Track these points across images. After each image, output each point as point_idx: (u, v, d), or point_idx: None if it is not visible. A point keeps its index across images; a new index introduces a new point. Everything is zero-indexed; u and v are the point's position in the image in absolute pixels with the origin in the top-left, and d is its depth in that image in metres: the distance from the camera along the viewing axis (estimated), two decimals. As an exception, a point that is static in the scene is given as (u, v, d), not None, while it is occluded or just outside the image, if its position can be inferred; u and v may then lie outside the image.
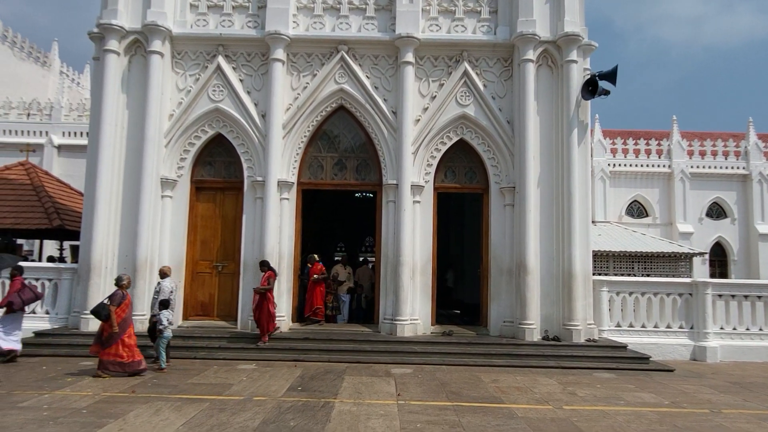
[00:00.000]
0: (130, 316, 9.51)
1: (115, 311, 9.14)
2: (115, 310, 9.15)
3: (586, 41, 12.50)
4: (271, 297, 11.32)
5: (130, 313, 9.49)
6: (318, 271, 13.05)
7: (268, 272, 11.38)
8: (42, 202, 15.51)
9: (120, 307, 9.23)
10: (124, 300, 9.34)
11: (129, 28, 12.42)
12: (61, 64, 32.87)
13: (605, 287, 12.67)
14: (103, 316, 9.14)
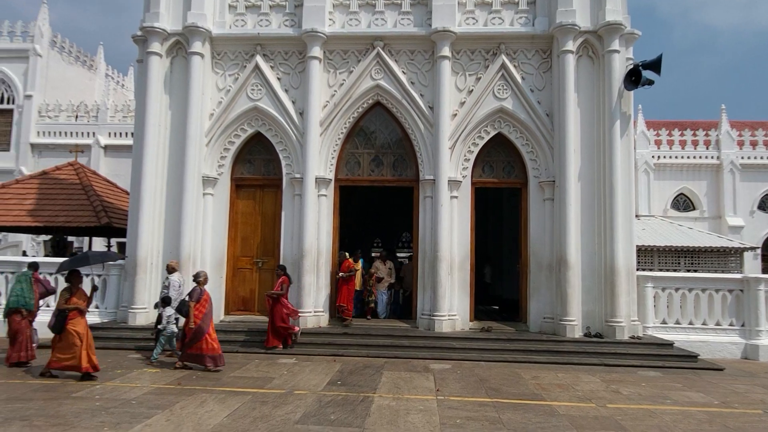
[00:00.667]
0: (211, 312, 9.65)
1: (194, 307, 9.31)
2: (195, 306, 9.33)
3: (629, 30, 12.13)
4: (285, 302, 11.15)
5: (210, 309, 9.61)
6: (345, 268, 12.59)
7: (283, 277, 11.25)
8: (90, 201, 16.09)
9: (199, 303, 9.38)
10: (203, 296, 9.47)
11: (170, 30, 12.74)
12: (106, 67, 34.00)
13: (650, 283, 12.32)
14: (184, 313, 9.36)
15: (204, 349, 9.30)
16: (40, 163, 26.04)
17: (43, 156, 27.15)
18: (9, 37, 28.35)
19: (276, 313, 11.02)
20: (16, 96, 27.87)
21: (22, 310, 9.57)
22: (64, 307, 8.64)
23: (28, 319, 9.63)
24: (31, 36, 28.26)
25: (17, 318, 9.52)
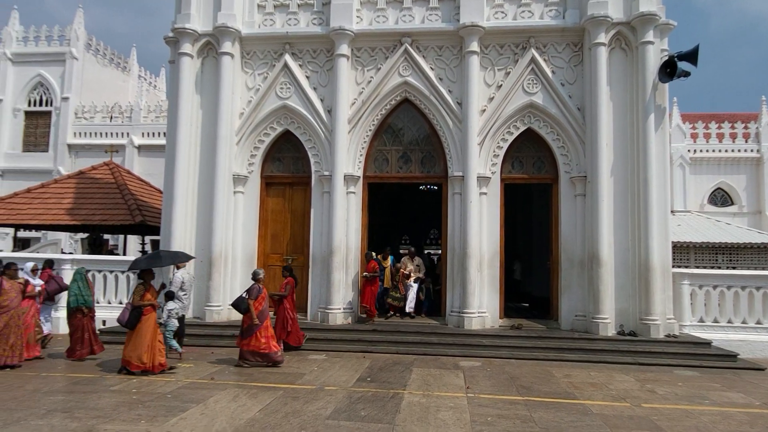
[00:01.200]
0: (267, 309, 9.75)
1: (252, 304, 9.42)
2: (253, 303, 9.44)
3: (664, 20, 11.80)
4: (288, 305, 10.76)
5: (266, 306, 9.72)
6: (371, 269, 12.45)
7: (288, 278, 11.03)
8: (125, 200, 16.51)
9: (257, 300, 9.49)
10: (261, 293, 9.59)
11: (201, 31, 12.94)
12: (139, 68, 34.76)
13: (686, 280, 11.99)
14: (242, 309, 9.47)
15: (252, 346, 9.39)
16: (77, 163, 26.82)
17: (79, 156, 27.94)
18: (47, 41, 29.24)
19: (278, 317, 10.72)
20: (54, 98, 28.73)
21: (82, 308, 9.92)
22: (139, 303, 8.85)
23: (89, 316, 9.99)
24: (68, 40, 29.07)
25: (79, 316, 9.88)
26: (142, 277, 9.17)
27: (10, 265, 9.61)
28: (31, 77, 28.84)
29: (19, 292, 9.45)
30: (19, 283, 9.67)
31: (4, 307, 9.14)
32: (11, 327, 9.13)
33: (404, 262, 13.74)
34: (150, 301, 8.96)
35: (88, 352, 9.88)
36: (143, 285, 9.03)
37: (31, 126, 29.00)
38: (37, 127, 28.99)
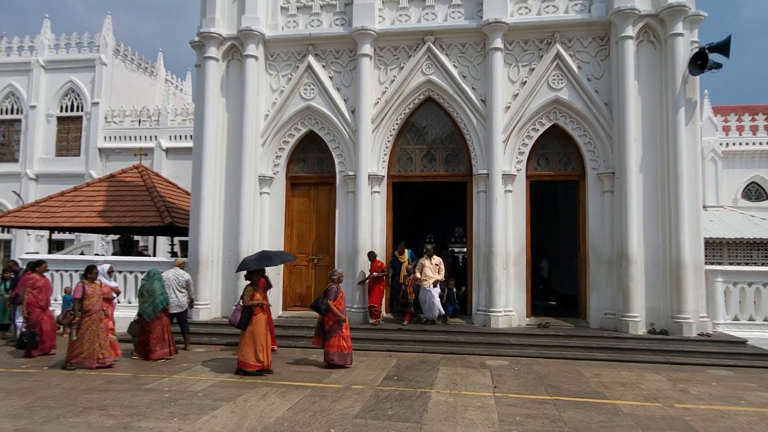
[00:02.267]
0: (345, 309, 9.70)
1: (332, 304, 9.36)
2: (333, 303, 9.38)
3: (694, 11, 11.51)
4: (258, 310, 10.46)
5: (344, 306, 9.68)
6: (377, 268, 12.06)
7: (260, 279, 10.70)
8: (154, 202, 16.84)
9: (336, 301, 9.43)
10: (338, 294, 9.53)
11: (226, 34, 13.11)
12: (166, 72, 35.40)
13: (719, 277, 11.70)
14: (322, 311, 9.44)
15: (335, 347, 9.34)
16: (107, 167, 27.46)
17: (110, 160, 28.60)
18: (77, 48, 30.00)
19: None
20: (85, 103, 29.45)
21: (167, 307, 10.28)
22: (250, 303, 8.93)
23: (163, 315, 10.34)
24: (97, 46, 29.77)
25: (162, 316, 10.21)
26: (250, 278, 9.18)
27: (91, 268, 9.77)
28: (63, 83, 29.62)
29: (100, 296, 9.63)
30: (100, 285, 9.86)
31: (88, 311, 9.32)
32: (97, 330, 9.33)
33: (421, 263, 12.55)
34: (259, 300, 9.04)
35: (168, 352, 10.15)
36: (252, 285, 9.06)
37: (63, 131, 29.79)
38: (69, 131, 29.77)
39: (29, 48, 30.23)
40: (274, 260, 9.92)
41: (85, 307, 9.31)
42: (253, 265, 9.38)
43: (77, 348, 9.23)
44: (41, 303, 10.57)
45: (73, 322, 9.25)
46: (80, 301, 9.31)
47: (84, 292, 9.34)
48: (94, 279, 9.70)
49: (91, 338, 9.26)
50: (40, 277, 10.79)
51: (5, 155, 30.06)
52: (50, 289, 11.18)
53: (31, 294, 10.50)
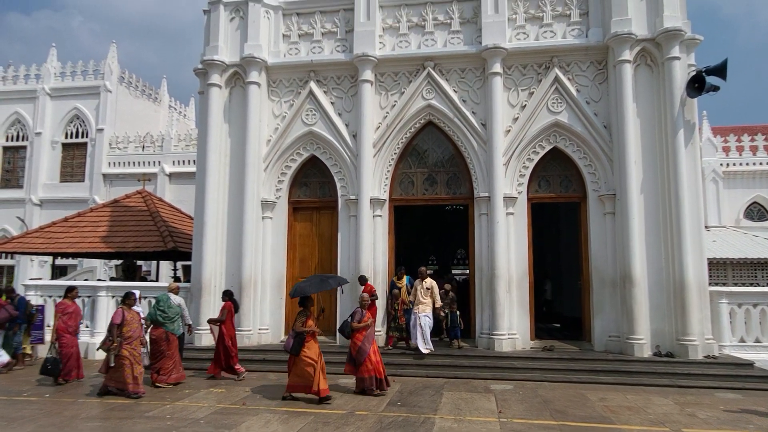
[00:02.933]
0: (373, 333, 9.52)
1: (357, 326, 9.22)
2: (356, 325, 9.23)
3: (690, 35, 11.68)
4: (226, 331, 10.56)
5: (372, 331, 9.50)
6: (369, 291, 11.36)
7: (226, 302, 10.77)
8: (157, 227, 16.90)
9: (361, 323, 9.27)
10: (364, 316, 9.39)
11: (229, 62, 13.32)
12: (169, 99, 35.83)
13: (724, 298, 11.63)
14: (346, 334, 9.37)
15: (367, 371, 9.16)
16: (111, 192, 27.60)
17: (113, 185, 28.77)
18: (83, 75, 30.44)
19: (217, 342, 10.66)
20: (90, 130, 29.75)
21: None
22: (302, 330, 8.74)
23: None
24: (102, 73, 30.20)
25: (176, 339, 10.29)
26: (303, 304, 9.04)
27: (129, 294, 9.72)
28: (68, 110, 29.96)
29: (138, 322, 9.57)
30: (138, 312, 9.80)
31: (128, 338, 9.22)
32: (134, 357, 9.24)
33: (413, 286, 11.98)
34: (312, 327, 8.88)
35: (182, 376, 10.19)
36: (305, 311, 8.92)
37: (68, 157, 30.04)
38: (74, 158, 30.01)
39: (35, 76, 30.68)
40: (330, 283, 9.75)
41: (124, 333, 9.19)
42: (311, 290, 9.15)
43: (115, 375, 9.08)
44: (70, 329, 10.40)
45: (112, 348, 9.10)
46: (119, 327, 9.18)
47: (123, 318, 9.23)
48: (133, 305, 9.63)
49: (130, 365, 9.12)
50: (71, 303, 10.66)
51: (10, 181, 30.27)
52: (80, 315, 11.03)
53: (62, 320, 10.33)
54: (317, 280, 9.62)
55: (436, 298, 11.79)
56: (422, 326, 11.39)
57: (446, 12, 13.04)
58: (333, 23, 13.52)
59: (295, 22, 13.72)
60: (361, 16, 13.05)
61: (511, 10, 12.71)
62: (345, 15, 13.43)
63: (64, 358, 10.14)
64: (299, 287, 9.22)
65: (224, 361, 10.61)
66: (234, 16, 13.52)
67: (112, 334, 9.21)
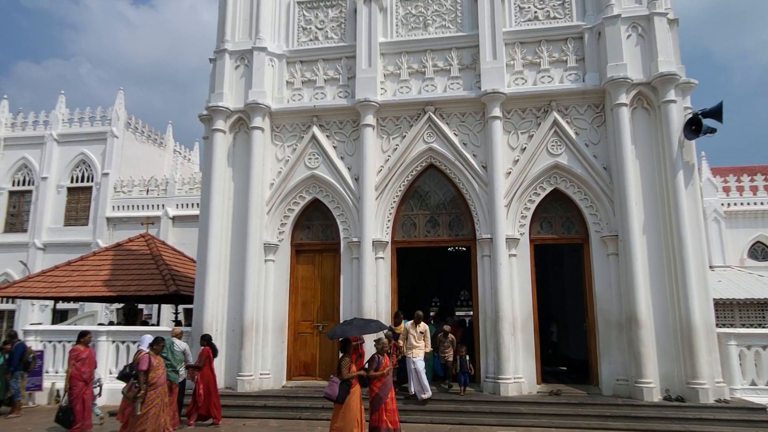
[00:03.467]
0: (391, 380, 9.13)
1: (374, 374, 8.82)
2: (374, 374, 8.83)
3: (684, 79, 11.94)
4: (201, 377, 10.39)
5: (390, 378, 9.09)
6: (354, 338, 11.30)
7: (204, 347, 10.64)
8: (160, 270, 16.88)
9: (378, 371, 8.90)
10: (381, 364, 8.98)
11: (233, 108, 13.60)
12: (174, 143, 36.44)
13: (733, 340, 11.45)
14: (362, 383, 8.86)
15: (381, 421, 8.69)
16: (114, 236, 27.70)
17: (117, 228, 28.90)
18: (90, 121, 31.07)
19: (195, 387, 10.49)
20: (95, 174, 30.14)
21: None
22: (348, 376, 8.33)
23: None
24: (109, 119, 30.84)
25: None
26: (344, 349, 8.68)
27: (158, 340, 9.49)
28: (75, 155, 30.45)
29: (164, 368, 9.40)
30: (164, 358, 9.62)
31: (153, 384, 8.94)
32: (162, 404, 9.01)
33: (405, 329, 11.68)
34: (357, 372, 8.51)
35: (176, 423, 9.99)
36: (348, 357, 8.56)
37: (72, 201, 30.32)
38: (79, 202, 30.29)
39: (44, 122, 31.35)
40: (372, 326, 9.54)
41: (150, 379, 8.90)
42: (352, 332, 8.87)
43: (141, 424, 8.71)
44: (84, 376, 10.11)
45: (138, 395, 8.76)
46: (146, 373, 8.88)
47: (150, 364, 8.95)
48: (160, 351, 9.42)
49: (156, 413, 8.84)
50: (84, 348, 10.37)
51: (14, 225, 30.47)
52: (94, 361, 10.73)
53: (75, 367, 10.03)
54: (360, 323, 9.34)
55: (427, 342, 11.54)
56: (417, 371, 11.12)
57: (446, 59, 13.38)
58: (335, 70, 13.87)
59: (299, 70, 14.07)
60: (362, 63, 13.40)
61: (509, 56, 13.04)
62: (347, 62, 13.79)
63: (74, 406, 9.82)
64: (340, 329, 8.96)
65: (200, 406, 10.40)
66: (239, 64, 13.88)
67: (138, 380, 8.83)
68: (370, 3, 13.57)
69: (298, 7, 14.36)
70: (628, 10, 12.34)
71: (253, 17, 13.97)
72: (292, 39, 14.24)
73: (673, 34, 12.29)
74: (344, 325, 9.15)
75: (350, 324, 9.23)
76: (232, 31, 13.99)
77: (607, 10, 12.36)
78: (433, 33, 13.54)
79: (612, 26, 12.26)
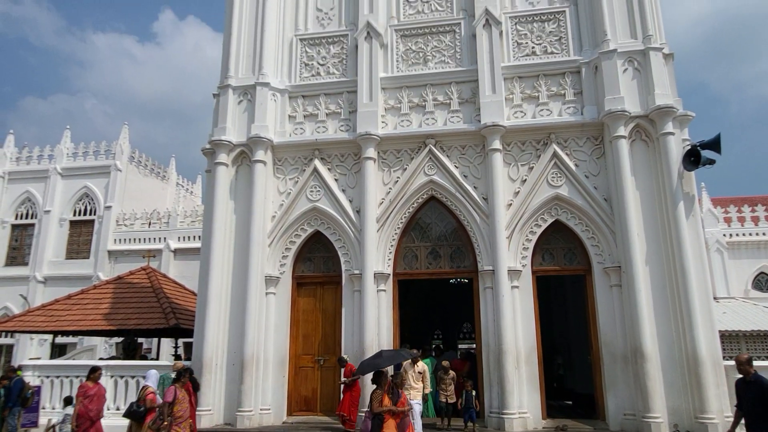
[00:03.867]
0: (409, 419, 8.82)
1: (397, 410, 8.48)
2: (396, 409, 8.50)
3: (682, 112, 12.09)
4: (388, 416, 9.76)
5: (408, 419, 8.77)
6: (348, 373, 11.30)
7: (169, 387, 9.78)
8: (160, 303, 16.78)
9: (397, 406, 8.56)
10: (400, 399, 8.72)
11: (236, 141, 13.75)
12: (177, 176, 36.75)
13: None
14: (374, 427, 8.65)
15: None
16: (115, 269, 27.67)
17: (118, 261, 28.89)
18: (94, 155, 31.42)
19: None
20: (98, 207, 30.30)
21: None
22: (380, 410, 8.13)
23: None
24: (113, 153, 31.20)
25: None
26: (376, 381, 8.47)
27: (184, 372, 9.32)
28: (78, 189, 30.70)
29: (189, 402, 9.22)
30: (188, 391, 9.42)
31: (178, 418, 8.80)
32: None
33: (403, 369, 11.07)
34: (389, 406, 8.26)
35: None
36: (380, 389, 8.35)
37: (74, 234, 30.41)
38: (81, 235, 30.37)
39: (48, 156, 31.69)
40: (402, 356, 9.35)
41: (175, 413, 8.76)
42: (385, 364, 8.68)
43: None
44: (91, 413, 9.88)
45: (162, 427, 8.63)
46: (171, 405, 8.74)
47: (175, 397, 8.81)
48: (185, 383, 9.24)
49: None
50: (93, 385, 10.17)
51: (16, 259, 30.48)
52: (104, 398, 10.52)
53: (82, 404, 9.83)
54: (389, 353, 9.16)
55: (426, 383, 11.28)
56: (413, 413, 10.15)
57: (445, 93, 13.59)
58: (337, 104, 14.08)
59: (301, 104, 14.28)
60: (363, 97, 13.61)
61: (508, 90, 13.24)
62: (348, 96, 14.00)
63: None
64: (370, 363, 8.76)
65: None
66: (242, 99, 14.10)
67: (163, 413, 8.71)
68: (371, 40, 13.88)
69: (300, 44, 14.67)
70: (623, 45, 12.59)
71: (257, 53, 14.26)
72: (295, 74, 14.51)
73: (669, 68, 12.49)
74: (374, 359, 8.96)
75: (380, 356, 9.06)
76: (235, 66, 14.26)
77: (603, 45, 12.61)
78: (433, 68, 13.79)
79: (608, 61, 12.48)
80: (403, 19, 14.34)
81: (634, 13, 12.74)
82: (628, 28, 12.76)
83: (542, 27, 13.53)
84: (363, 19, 13.99)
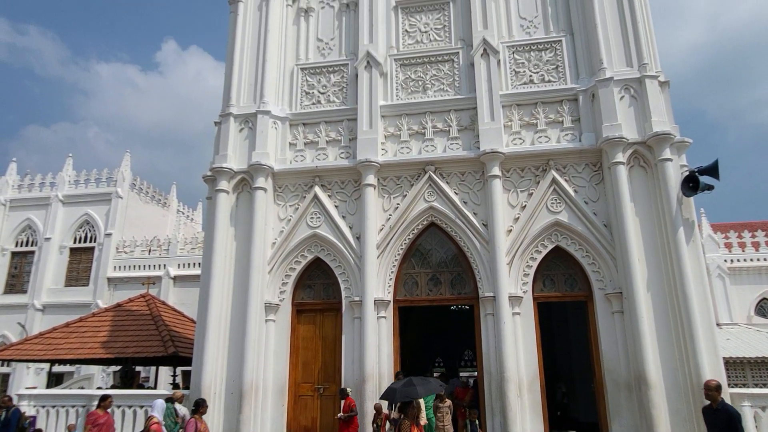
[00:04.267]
0: None
1: None
2: None
3: (679, 138, 12.19)
4: None
5: None
6: (346, 408, 11.22)
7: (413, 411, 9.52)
8: (159, 331, 16.63)
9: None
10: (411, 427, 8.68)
11: (237, 169, 13.84)
12: (178, 203, 36.86)
13: (746, 401, 11.08)
14: None
15: None
16: (115, 296, 27.54)
17: (118, 289, 28.76)
18: (96, 183, 31.57)
19: None
20: (98, 235, 30.30)
21: None
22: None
23: None
24: (114, 181, 31.35)
25: None
26: (403, 410, 8.32)
27: (201, 402, 9.26)
28: (79, 216, 30.75)
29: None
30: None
31: None
32: None
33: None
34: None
35: None
36: (408, 419, 8.22)
37: (74, 261, 30.35)
38: (80, 262, 30.31)
39: (50, 184, 31.83)
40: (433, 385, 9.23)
41: None
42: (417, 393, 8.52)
43: None
44: None
45: None
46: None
47: (196, 429, 8.77)
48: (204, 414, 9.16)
49: None
50: (103, 414, 9.98)
51: (14, 286, 30.35)
52: (113, 428, 10.31)
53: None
54: (420, 381, 8.96)
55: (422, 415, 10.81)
56: None
57: (445, 120, 13.74)
58: (337, 132, 14.22)
59: (301, 131, 14.42)
60: (363, 125, 13.75)
61: (507, 117, 13.39)
62: (348, 124, 14.15)
63: None
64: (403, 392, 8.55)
65: None
66: (243, 127, 14.25)
67: None
68: (371, 69, 14.09)
69: (301, 73, 14.89)
70: (619, 73, 12.77)
71: (258, 82, 14.47)
72: (295, 102, 14.69)
73: (665, 95, 12.65)
74: (406, 387, 8.77)
75: (411, 385, 8.87)
76: (237, 95, 14.45)
77: (600, 73, 12.79)
78: (432, 96, 13.97)
79: (605, 88, 12.65)
80: (402, 48, 14.59)
81: (630, 42, 12.97)
82: (624, 57, 12.97)
83: (539, 56, 13.75)
84: (363, 48, 14.24)
